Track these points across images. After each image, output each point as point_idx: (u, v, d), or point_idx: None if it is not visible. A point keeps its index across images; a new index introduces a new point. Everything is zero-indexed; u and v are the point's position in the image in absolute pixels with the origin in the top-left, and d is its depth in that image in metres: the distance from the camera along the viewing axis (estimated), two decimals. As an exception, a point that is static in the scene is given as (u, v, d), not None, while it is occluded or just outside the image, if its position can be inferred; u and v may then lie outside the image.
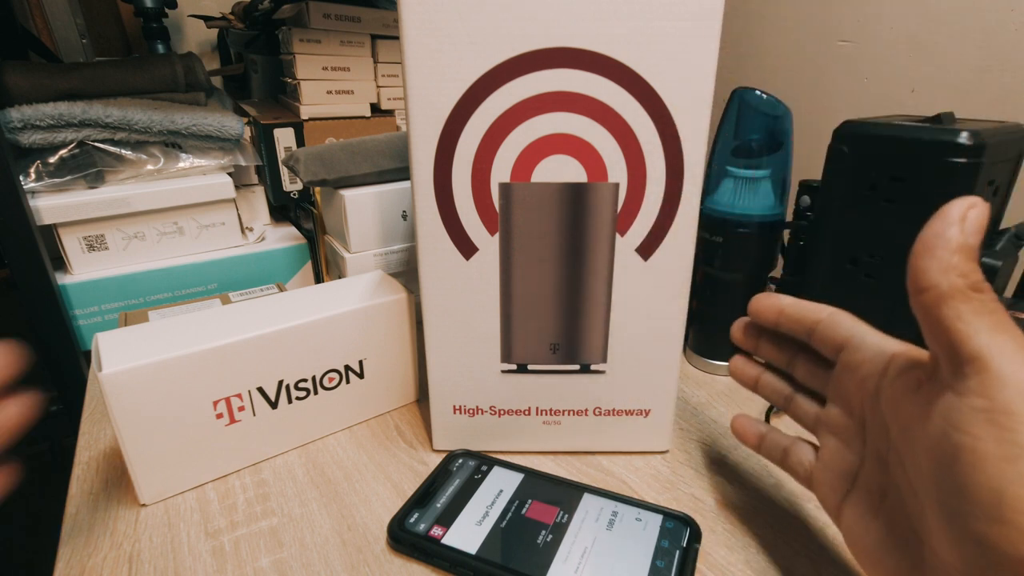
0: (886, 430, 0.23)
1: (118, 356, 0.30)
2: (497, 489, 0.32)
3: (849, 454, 0.25)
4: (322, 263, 0.54)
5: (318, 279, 0.59)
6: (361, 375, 0.38)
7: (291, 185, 0.62)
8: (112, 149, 0.51)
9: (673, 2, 0.26)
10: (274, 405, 0.35)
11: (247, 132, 0.60)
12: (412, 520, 0.30)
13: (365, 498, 0.33)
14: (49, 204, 0.47)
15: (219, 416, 0.33)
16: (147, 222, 0.52)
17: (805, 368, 0.28)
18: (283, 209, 0.66)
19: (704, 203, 0.43)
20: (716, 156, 0.42)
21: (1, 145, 0.43)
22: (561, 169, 0.29)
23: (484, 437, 0.36)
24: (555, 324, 0.33)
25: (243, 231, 0.57)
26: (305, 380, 0.35)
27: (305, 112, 0.62)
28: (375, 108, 0.67)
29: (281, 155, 0.61)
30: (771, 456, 0.29)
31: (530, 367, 0.34)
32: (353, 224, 0.46)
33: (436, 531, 0.29)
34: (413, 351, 0.40)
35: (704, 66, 0.28)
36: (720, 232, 0.42)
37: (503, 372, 0.34)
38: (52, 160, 0.49)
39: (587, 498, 0.31)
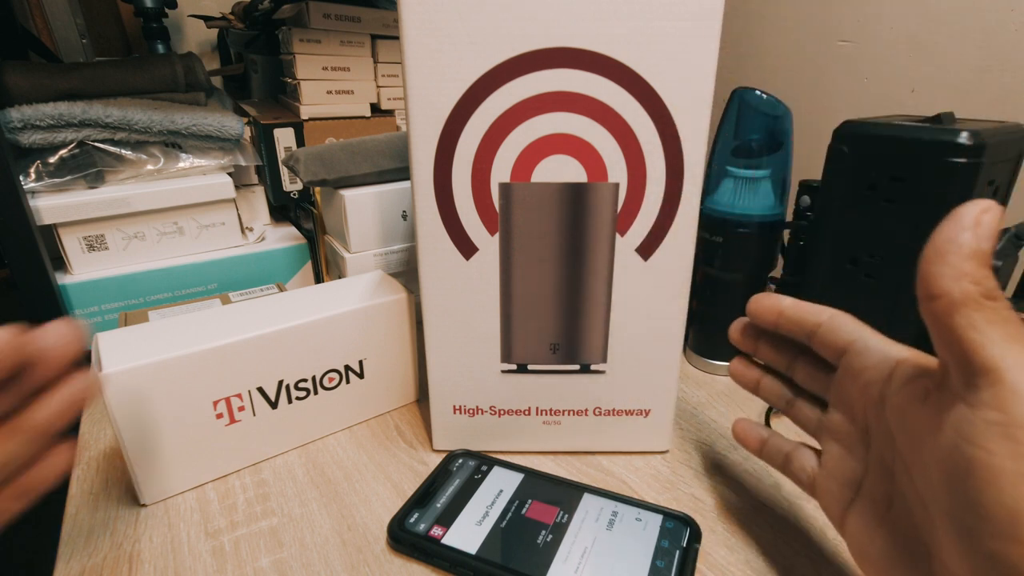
0: (891, 438, 0.22)
1: (118, 356, 0.30)
2: (497, 489, 0.32)
3: (852, 461, 0.24)
4: (322, 263, 0.54)
5: (318, 279, 0.59)
6: (361, 375, 0.38)
7: (291, 185, 0.62)
8: (112, 149, 0.51)
9: (673, 2, 0.26)
10: (274, 405, 0.35)
11: (247, 132, 0.60)
12: (412, 520, 0.30)
13: (365, 498, 0.33)
14: (49, 204, 0.47)
15: (219, 416, 0.33)
16: (147, 222, 0.52)
17: (806, 372, 0.27)
18: (283, 209, 0.66)
19: (704, 203, 0.43)
20: (716, 156, 0.42)
21: (1, 145, 0.43)
22: (561, 169, 0.29)
23: (484, 437, 0.36)
24: (555, 324, 0.33)
25: (243, 231, 0.57)
26: (305, 380, 0.35)
27: (305, 112, 0.62)
28: (375, 108, 0.67)
29: (281, 155, 0.61)
30: (773, 461, 0.29)
31: (530, 367, 0.34)
32: (353, 224, 0.46)
33: (436, 531, 0.29)
34: (413, 351, 0.40)
35: (704, 66, 0.28)
36: (720, 232, 0.42)
37: (503, 372, 0.34)
38: (52, 160, 0.48)
39: (587, 498, 0.31)
